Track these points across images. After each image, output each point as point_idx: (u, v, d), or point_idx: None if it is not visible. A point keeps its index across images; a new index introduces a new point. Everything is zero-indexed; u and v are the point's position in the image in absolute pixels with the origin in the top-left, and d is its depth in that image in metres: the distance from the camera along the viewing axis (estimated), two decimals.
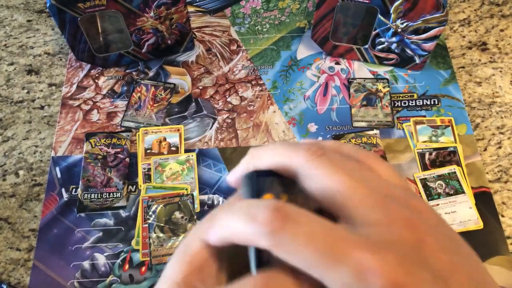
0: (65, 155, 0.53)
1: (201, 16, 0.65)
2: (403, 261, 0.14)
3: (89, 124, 0.55)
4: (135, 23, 0.55)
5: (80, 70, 0.60)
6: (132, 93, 0.58)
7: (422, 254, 0.14)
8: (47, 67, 0.61)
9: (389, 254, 0.14)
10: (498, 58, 0.61)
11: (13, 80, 0.60)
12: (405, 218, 0.15)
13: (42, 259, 0.47)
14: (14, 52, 0.62)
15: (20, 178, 0.52)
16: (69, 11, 0.52)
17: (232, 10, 0.66)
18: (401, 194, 0.17)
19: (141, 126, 0.55)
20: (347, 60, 0.61)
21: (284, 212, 0.15)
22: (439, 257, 0.15)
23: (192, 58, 0.61)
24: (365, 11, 0.57)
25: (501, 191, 0.51)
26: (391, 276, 0.13)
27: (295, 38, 0.63)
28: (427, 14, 0.51)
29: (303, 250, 0.14)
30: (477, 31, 0.64)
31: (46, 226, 0.48)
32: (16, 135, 0.55)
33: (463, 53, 0.61)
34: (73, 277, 0.46)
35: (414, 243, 0.15)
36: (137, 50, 0.58)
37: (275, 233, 0.15)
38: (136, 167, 0.52)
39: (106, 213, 0.49)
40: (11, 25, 0.65)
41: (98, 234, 0.48)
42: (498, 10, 0.66)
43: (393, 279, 0.13)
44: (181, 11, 0.56)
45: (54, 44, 0.63)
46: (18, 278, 0.46)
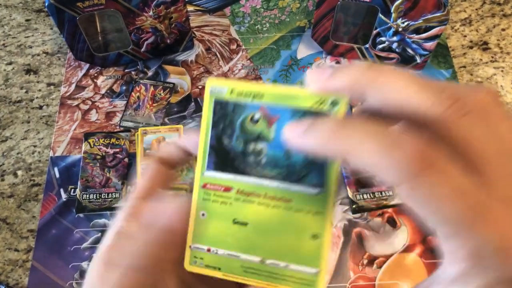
0: (63, 155, 0.53)
1: (201, 15, 0.65)
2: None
3: (88, 124, 0.55)
4: (134, 22, 0.54)
5: (79, 69, 0.60)
6: (131, 92, 0.57)
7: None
8: (45, 67, 0.60)
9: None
10: (500, 57, 0.60)
11: (12, 80, 0.59)
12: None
13: (40, 259, 0.46)
14: (13, 52, 0.62)
15: (19, 178, 0.52)
16: (68, 10, 0.51)
17: (232, 9, 0.66)
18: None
19: (140, 126, 0.54)
20: (347, 60, 0.60)
21: (427, 153, 0.13)
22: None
23: (192, 58, 0.61)
24: (365, 10, 0.57)
25: None
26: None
27: (295, 37, 0.63)
28: (428, 13, 0.51)
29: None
30: (478, 30, 0.63)
31: (44, 227, 0.48)
32: (15, 135, 0.55)
33: (464, 53, 0.61)
34: (72, 278, 0.45)
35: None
36: (136, 50, 0.58)
37: (419, 170, 0.13)
38: (135, 167, 0.52)
39: (105, 214, 0.49)
40: (10, 24, 0.65)
41: (97, 234, 0.48)
42: (500, 9, 0.65)
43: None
44: (180, 10, 0.55)
45: (53, 44, 0.63)
46: (16, 279, 0.46)
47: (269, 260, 0.20)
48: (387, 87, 0.15)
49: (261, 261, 0.20)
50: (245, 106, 0.20)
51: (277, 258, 0.20)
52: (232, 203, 0.21)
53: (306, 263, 0.20)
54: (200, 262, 0.21)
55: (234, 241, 0.21)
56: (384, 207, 0.49)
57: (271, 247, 0.20)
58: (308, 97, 0.19)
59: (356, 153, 0.14)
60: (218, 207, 0.21)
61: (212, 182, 0.21)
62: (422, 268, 0.45)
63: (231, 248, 0.21)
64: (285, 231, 0.20)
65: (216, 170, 0.21)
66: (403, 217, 0.48)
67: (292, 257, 0.20)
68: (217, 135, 0.21)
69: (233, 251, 0.21)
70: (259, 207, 0.20)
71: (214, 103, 0.21)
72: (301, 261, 0.20)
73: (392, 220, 0.48)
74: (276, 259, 0.20)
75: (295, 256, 0.20)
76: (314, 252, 0.20)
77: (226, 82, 0.20)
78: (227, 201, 0.21)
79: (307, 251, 0.20)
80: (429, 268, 0.45)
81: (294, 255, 0.20)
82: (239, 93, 0.20)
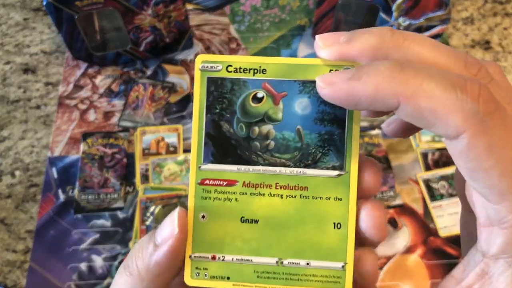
0: (61, 155, 0.52)
1: (200, 14, 0.64)
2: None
3: (86, 123, 0.55)
4: (133, 21, 0.54)
5: (77, 69, 0.59)
6: (130, 92, 0.57)
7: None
8: (43, 66, 0.60)
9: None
10: (502, 56, 0.60)
11: (9, 79, 0.59)
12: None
13: (38, 261, 0.46)
14: (10, 51, 0.62)
15: (16, 179, 0.51)
16: (66, 9, 0.51)
17: (232, 7, 0.65)
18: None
19: (139, 126, 0.54)
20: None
21: (492, 97, 0.13)
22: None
23: (191, 57, 0.60)
24: (366, 9, 0.56)
25: None
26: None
27: (295, 36, 0.62)
28: (430, 12, 0.51)
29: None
30: (480, 29, 0.63)
31: (42, 228, 0.48)
32: (12, 135, 0.54)
33: (466, 52, 0.61)
34: (70, 279, 0.45)
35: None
36: (135, 49, 0.58)
37: (486, 114, 0.12)
38: (133, 167, 0.51)
39: (104, 214, 0.48)
40: (7, 23, 0.64)
41: (95, 235, 0.47)
42: (502, 8, 0.65)
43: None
44: (179, 9, 0.55)
45: (51, 43, 0.62)
46: (14, 280, 0.45)
47: (287, 259, 0.18)
48: (413, 51, 0.14)
49: (277, 262, 0.18)
50: (245, 83, 0.18)
51: (296, 257, 0.18)
52: (238, 199, 0.18)
53: (330, 258, 0.18)
54: (204, 274, 0.18)
55: (243, 243, 0.18)
56: (385, 208, 0.48)
57: (288, 244, 0.18)
58: (320, 67, 0.17)
59: (417, 96, 0.13)
60: (221, 205, 0.18)
61: (212, 177, 0.18)
62: (424, 269, 0.45)
63: (241, 252, 0.18)
64: (303, 224, 0.18)
65: (215, 162, 0.18)
66: (405, 218, 0.48)
67: (313, 253, 0.18)
68: (213, 121, 0.18)
69: (244, 255, 0.18)
70: (271, 199, 0.18)
71: (208, 82, 0.18)
72: (324, 257, 0.18)
73: (393, 221, 0.48)
74: (295, 257, 0.18)
75: (316, 251, 0.18)
76: (338, 244, 0.18)
77: (221, 57, 0.18)
78: (231, 197, 0.18)
79: (330, 243, 0.18)
80: (431, 269, 0.45)
81: (315, 250, 0.18)
82: (237, 69, 0.18)
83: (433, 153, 0.52)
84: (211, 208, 0.18)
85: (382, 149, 0.52)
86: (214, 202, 0.18)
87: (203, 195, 0.18)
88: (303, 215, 0.18)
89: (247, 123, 0.18)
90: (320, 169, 0.18)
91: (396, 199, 0.49)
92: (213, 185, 0.18)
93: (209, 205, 0.18)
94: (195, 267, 0.18)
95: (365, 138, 0.53)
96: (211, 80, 0.18)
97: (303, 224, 0.18)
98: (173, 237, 0.17)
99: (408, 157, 0.52)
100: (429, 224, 0.48)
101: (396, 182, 0.50)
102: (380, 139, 0.53)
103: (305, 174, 0.18)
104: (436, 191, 0.49)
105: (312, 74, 0.17)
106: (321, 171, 0.18)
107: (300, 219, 0.18)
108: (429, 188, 0.49)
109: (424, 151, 0.52)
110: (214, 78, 0.18)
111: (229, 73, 0.18)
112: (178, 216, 0.17)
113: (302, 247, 0.18)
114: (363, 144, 0.52)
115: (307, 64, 0.17)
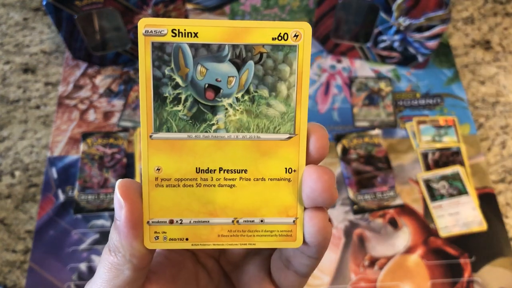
0: (61, 155, 0.52)
1: (200, 13, 0.64)
2: None
3: (86, 124, 0.55)
4: (132, 21, 0.54)
5: (77, 69, 0.59)
6: (130, 92, 0.57)
7: None
8: (43, 66, 0.60)
9: None
10: (502, 56, 0.60)
11: (9, 79, 0.59)
12: None
13: (38, 261, 0.46)
14: (10, 51, 0.61)
15: (16, 179, 0.51)
16: (66, 9, 0.51)
17: (232, 7, 0.65)
18: None
19: (139, 126, 0.54)
20: (348, 59, 0.60)
21: None
22: None
23: None
24: (367, 9, 0.56)
25: (505, 192, 0.50)
26: None
27: None
28: (430, 12, 0.51)
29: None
30: (481, 29, 0.63)
31: (42, 228, 0.48)
32: (12, 135, 0.54)
33: (466, 52, 0.61)
34: (69, 280, 0.45)
35: None
36: (135, 49, 0.57)
37: None
38: (133, 167, 0.51)
39: (103, 214, 0.48)
40: (7, 23, 0.64)
41: (95, 235, 0.47)
42: (502, 8, 0.65)
43: None
44: (179, 9, 0.55)
45: (51, 43, 0.62)
46: (14, 280, 0.45)
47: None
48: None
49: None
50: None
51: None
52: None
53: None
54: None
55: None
56: (385, 208, 0.48)
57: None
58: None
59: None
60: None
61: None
62: (424, 269, 0.45)
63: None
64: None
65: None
66: (405, 218, 0.48)
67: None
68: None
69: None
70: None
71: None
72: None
73: (394, 221, 0.48)
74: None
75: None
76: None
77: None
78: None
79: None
80: (431, 270, 0.45)
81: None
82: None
83: (433, 153, 0.52)
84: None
85: (382, 149, 0.52)
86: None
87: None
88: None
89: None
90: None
91: (396, 199, 0.49)
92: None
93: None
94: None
95: (365, 138, 0.52)
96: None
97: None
98: (123, 208, 0.18)
99: (408, 157, 0.52)
100: (429, 224, 0.47)
101: (396, 182, 0.50)
102: (380, 139, 0.52)
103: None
104: (436, 191, 0.49)
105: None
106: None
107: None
108: (429, 188, 0.49)
109: (424, 151, 0.52)
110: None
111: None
112: (118, 188, 0.18)
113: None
114: (363, 144, 0.52)
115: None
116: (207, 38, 0.17)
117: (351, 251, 0.46)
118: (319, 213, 0.18)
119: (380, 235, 0.47)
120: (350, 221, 0.48)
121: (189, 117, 0.18)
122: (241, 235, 0.19)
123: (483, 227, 0.47)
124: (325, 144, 0.19)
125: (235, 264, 0.23)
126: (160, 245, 0.19)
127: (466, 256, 0.46)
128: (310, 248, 0.19)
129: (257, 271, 0.21)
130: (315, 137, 0.19)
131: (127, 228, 0.18)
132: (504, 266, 0.45)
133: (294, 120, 0.18)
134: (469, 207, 0.48)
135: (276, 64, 0.18)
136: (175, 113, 0.18)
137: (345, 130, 0.54)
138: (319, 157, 0.19)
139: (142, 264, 0.18)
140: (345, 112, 0.55)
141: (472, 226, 0.47)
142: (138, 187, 0.18)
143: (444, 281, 0.44)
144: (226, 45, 0.18)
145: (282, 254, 0.20)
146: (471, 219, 0.47)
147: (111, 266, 0.18)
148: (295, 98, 0.18)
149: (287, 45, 0.18)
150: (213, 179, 0.19)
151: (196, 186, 0.18)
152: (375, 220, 0.48)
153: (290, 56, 0.18)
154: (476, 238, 0.47)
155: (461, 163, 0.51)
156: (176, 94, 0.18)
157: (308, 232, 0.18)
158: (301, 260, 0.19)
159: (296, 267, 0.20)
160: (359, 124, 0.54)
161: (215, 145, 0.18)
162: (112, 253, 0.18)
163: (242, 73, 0.18)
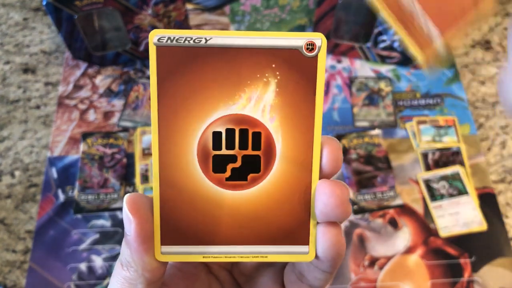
0: (61, 155, 0.52)
1: (200, 13, 0.64)
2: None
3: (86, 123, 0.55)
4: (132, 21, 0.54)
5: (77, 69, 0.59)
6: (130, 92, 0.57)
7: None
8: (43, 66, 0.60)
9: None
10: (502, 56, 0.60)
11: (9, 79, 0.59)
12: None
13: (38, 261, 0.46)
14: (10, 51, 0.61)
15: (16, 179, 0.51)
16: (66, 9, 0.51)
17: (232, 7, 0.65)
18: None
19: (139, 126, 0.54)
20: (348, 59, 0.60)
21: None
22: None
23: None
24: (367, 9, 0.56)
25: (505, 192, 0.50)
26: None
27: None
28: None
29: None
30: (481, 29, 0.63)
31: (42, 228, 0.48)
32: (12, 135, 0.54)
33: (466, 52, 0.61)
34: (69, 280, 0.45)
35: None
36: (135, 49, 0.57)
37: None
38: (133, 167, 0.51)
39: (103, 215, 0.48)
40: (7, 23, 0.64)
41: (95, 235, 0.47)
42: (502, 8, 0.65)
43: None
44: (179, 9, 0.55)
45: (51, 43, 0.62)
46: (14, 280, 0.45)
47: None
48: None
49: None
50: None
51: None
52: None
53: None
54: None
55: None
56: (385, 208, 0.48)
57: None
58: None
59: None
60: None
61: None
62: (424, 269, 0.45)
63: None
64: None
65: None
66: (405, 218, 0.48)
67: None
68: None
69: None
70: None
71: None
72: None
73: (394, 221, 0.48)
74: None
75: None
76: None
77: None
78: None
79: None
80: (431, 270, 0.45)
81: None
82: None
83: (433, 153, 0.52)
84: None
85: (382, 149, 0.52)
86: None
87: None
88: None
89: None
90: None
91: (396, 199, 0.49)
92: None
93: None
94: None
95: (365, 138, 0.52)
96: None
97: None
98: (132, 223, 0.18)
99: (408, 157, 0.52)
100: (429, 224, 0.47)
101: (396, 182, 0.50)
102: (380, 139, 0.52)
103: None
104: (437, 191, 0.49)
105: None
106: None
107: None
108: (429, 188, 0.49)
109: (424, 151, 0.52)
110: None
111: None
112: (126, 203, 0.18)
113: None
114: (363, 144, 0.52)
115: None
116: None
117: (351, 251, 0.46)
118: (332, 228, 0.18)
119: (380, 235, 0.47)
120: (350, 221, 0.48)
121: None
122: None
123: (483, 227, 0.47)
124: (338, 158, 0.18)
125: (248, 275, 0.23)
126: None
127: (466, 256, 0.46)
128: (323, 262, 0.19)
129: (270, 283, 0.21)
130: (328, 150, 0.18)
131: (137, 243, 0.18)
132: (504, 266, 0.45)
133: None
134: (469, 207, 0.48)
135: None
136: None
137: (345, 130, 0.54)
138: (332, 171, 0.18)
139: (155, 278, 0.18)
140: (345, 112, 0.55)
141: (472, 226, 0.47)
142: (147, 200, 0.18)
143: (444, 281, 0.44)
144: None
145: (295, 268, 0.20)
146: (471, 219, 0.47)
147: (124, 280, 0.18)
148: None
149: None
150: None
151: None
152: (375, 220, 0.48)
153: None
154: (476, 238, 0.47)
155: (461, 163, 0.51)
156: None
157: (321, 247, 0.18)
158: (315, 274, 0.19)
159: (310, 281, 0.20)
160: (359, 124, 0.54)
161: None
162: (124, 267, 0.18)
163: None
